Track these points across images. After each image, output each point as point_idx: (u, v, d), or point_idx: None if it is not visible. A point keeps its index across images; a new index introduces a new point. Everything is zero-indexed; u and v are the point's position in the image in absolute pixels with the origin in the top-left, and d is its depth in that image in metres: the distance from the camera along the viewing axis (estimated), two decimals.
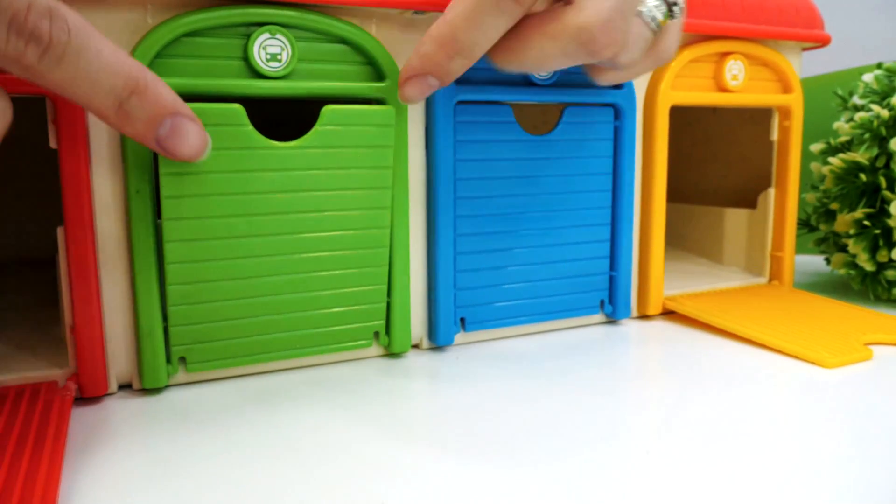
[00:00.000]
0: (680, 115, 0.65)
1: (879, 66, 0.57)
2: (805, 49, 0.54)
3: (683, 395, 0.35)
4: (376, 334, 0.41)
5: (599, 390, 0.36)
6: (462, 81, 0.41)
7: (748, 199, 0.58)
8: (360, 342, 0.40)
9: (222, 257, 0.36)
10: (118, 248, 0.35)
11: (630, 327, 0.48)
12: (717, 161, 0.62)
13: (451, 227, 0.41)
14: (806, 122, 0.64)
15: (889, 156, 0.52)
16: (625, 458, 0.29)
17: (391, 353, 0.42)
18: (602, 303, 0.48)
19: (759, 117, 0.57)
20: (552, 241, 0.45)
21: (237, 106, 0.35)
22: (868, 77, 0.56)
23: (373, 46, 0.38)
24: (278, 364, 0.39)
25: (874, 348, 0.42)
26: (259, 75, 0.36)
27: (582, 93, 0.44)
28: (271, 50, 0.36)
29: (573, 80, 0.44)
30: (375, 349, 0.42)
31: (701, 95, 0.49)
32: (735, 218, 0.58)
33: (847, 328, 0.44)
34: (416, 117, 0.41)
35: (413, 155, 0.41)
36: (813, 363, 0.40)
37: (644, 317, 0.50)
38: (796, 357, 0.41)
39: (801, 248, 0.70)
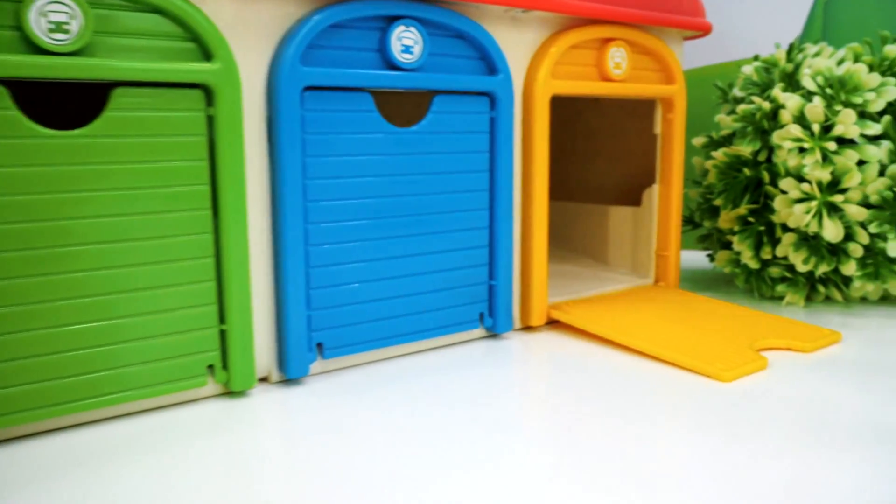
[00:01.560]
0: (562, 108, 0.61)
1: (756, 58, 0.55)
2: (686, 38, 0.51)
3: (574, 419, 0.31)
4: (211, 368, 0.34)
5: (482, 418, 0.31)
6: (310, 62, 0.34)
7: (633, 196, 0.55)
8: (191, 380, 0.33)
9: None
10: None
11: (513, 341, 0.43)
12: (600, 156, 0.59)
13: (302, 237, 0.35)
14: (686, 116, 0.62)
15: (771, 149, 0.50)
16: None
17: (232, 392, 0.35)
18: (482, 316, 0.43)
19: (642, 110, 0.54)
20: (424, 249, 0.39)
21: None
22: (748, 69, 0.54)
23: (197, 21, 0.31)
24: (90, 414, 0.31)
25: (768, 354, 0.40)
26: (39, 50, 0.28)
27: (453, 79, 0.39)
28: (55, 17, 0.28)
29: (443, 63, 0.39)
30: (212, 387, 0.34)
31: (583, 85, 0.44)
32: (620, 216, 0.55)
33: (738, 333, 0.42)
34: (254, 106, 0.34)
35: (252, 151, 0.34)
36: (709, 377, 0.36)
37: (528, 328, 0.45)
38: (691, 370, 0.37)
39: (683, 244, 0.68)
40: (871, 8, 0.66)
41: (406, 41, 0.37)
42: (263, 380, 0.36)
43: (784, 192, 0.48)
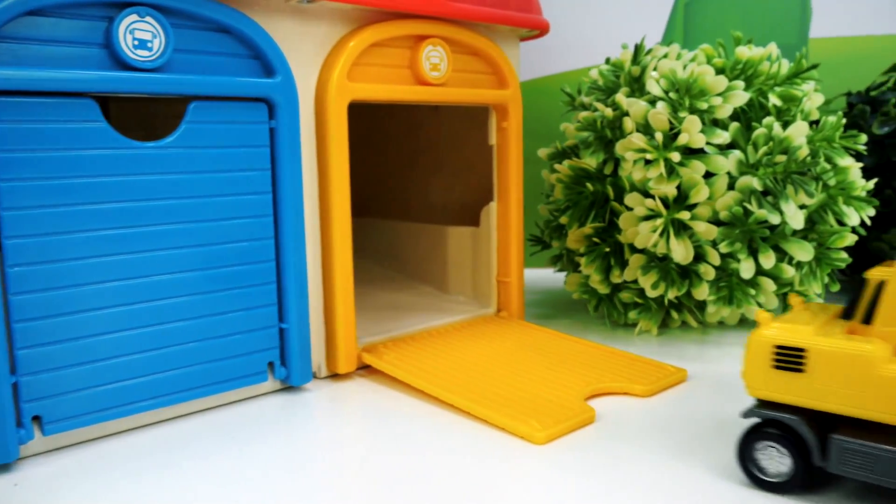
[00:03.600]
0: (400, 117, 0.55)
1: (607, 61, 0.51)
2: (523, 39, 0.46)
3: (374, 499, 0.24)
4: None
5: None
6: None
7: (475, 214, 0.49)
8: None
9: None
10: None
11: (314, 393, 0.36)
12: (443, 171, 0.53)
13: None
14: (538, 126, 0.57)
15: (618, 162, 0.45)
16: None
17: None
18: (272, 365, 0.36)
19: (483, 119, 0.48)
20: (185, 291, 0.32)
21: None
22: (595, 72, 0.49)
23: None
24: None
25: (600, 402, 0.34)
26: None
27: (211, 82, 0.32)
28: None
29: (198, 63, 0.31)
30: None
31: (393, 89, 0.38)
32: (459, 237, 0.49)
33: (573, 376, 0.36)
34: None
35: None
36: (521, 438, 0.30)
37: (336, 376, 0.39)
38: (503, 430, 0.31)
39: (540, 262, 0.63)
40: (733, 8, 0.63)
41: (141, 34, 0.29)
42: None
43: (629, 209, 0.43)
